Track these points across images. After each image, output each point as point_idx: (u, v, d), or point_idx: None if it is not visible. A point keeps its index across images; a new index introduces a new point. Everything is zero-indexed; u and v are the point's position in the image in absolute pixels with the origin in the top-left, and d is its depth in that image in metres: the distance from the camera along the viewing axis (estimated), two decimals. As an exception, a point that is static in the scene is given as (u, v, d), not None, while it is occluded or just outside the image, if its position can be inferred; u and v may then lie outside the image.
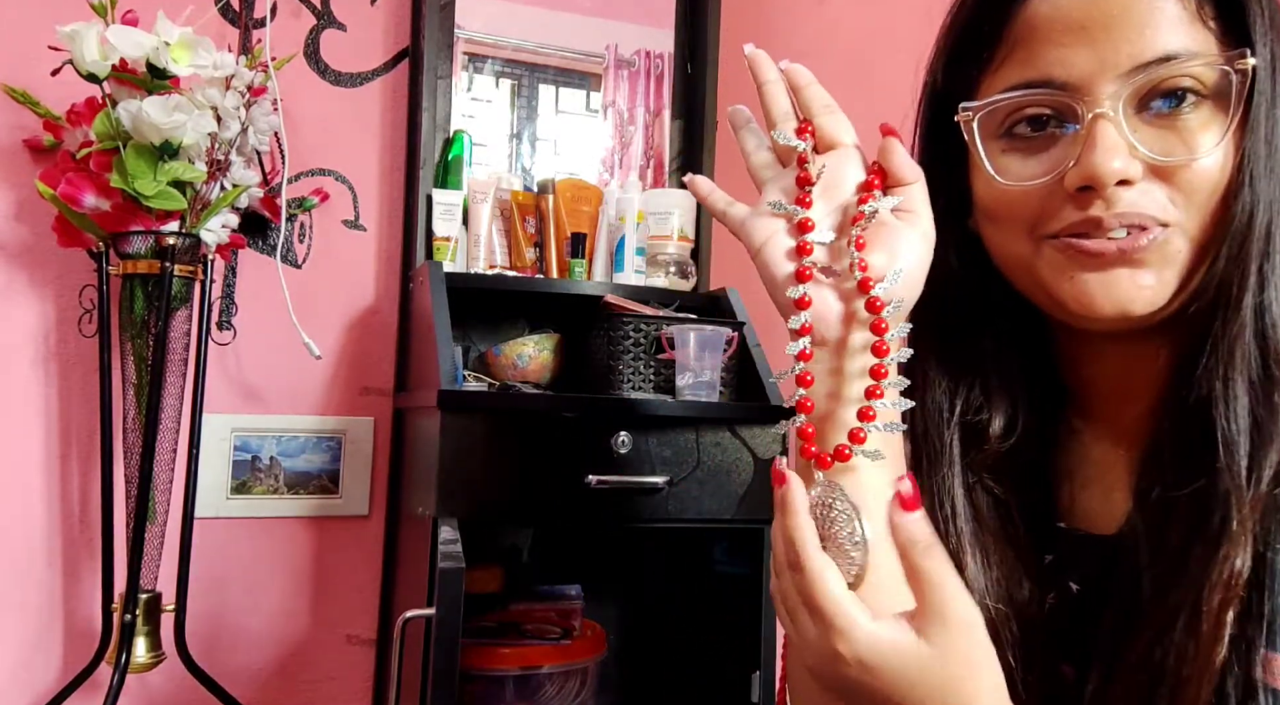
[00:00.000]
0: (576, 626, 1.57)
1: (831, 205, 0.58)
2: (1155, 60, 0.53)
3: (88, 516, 1.51)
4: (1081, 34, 0.55)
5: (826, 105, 0.61)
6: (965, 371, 0.66)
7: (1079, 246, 0.56)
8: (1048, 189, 0.57)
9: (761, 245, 0.58)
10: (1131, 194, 0.54)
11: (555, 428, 1.28)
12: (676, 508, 1.32)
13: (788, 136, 0.60)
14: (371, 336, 1.68)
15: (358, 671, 1.65)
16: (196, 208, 1.39)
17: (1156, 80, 0.54)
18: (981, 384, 0.65)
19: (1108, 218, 0.55)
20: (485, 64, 1.69)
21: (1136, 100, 0.55)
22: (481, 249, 1.59)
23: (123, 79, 1.33)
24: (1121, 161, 0.54)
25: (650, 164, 1.76)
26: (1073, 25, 0.55)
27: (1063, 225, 0.57)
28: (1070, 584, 0.61)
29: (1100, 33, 0.54)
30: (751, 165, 0.62)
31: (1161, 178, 0.54)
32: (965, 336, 0.66)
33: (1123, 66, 0.54)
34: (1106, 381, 0.63)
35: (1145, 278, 0.55)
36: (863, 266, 0.55)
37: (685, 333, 1.37)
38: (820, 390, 0.56)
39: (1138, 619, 0.54)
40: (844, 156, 0.59)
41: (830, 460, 0.54)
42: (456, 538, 1.17)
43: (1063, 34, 0.56)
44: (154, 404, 1.34)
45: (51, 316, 1.51)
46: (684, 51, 1.78)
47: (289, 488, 1.62)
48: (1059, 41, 0.56)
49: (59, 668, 1.49)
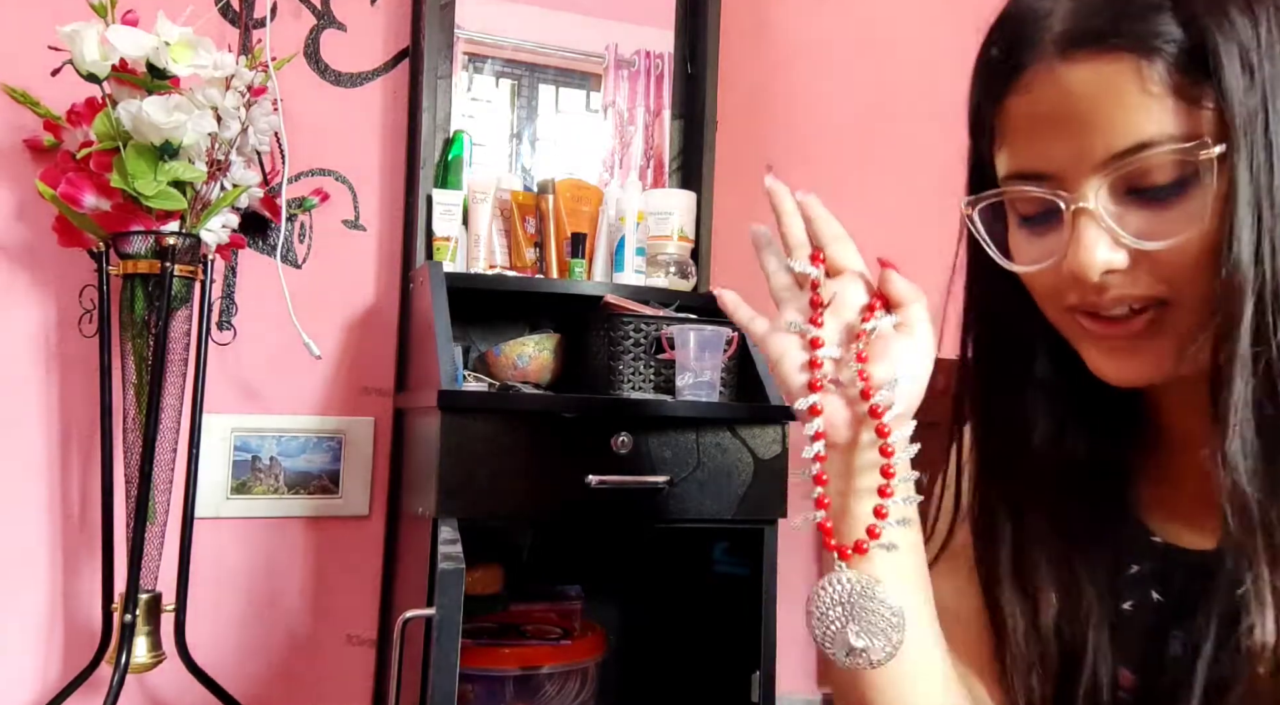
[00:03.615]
0: (576, 626, 1.57)
1: (839, 324, 0.66)
2: (1129, 149, 0.53)
3: (88, 516, 1.51)
4: (1056, 127, 0.56)
5: (836, 236, 0.69)
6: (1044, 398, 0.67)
7: (1085, 324, 0.59)
8: (1055, 269, 0.58)
9: (779, 358, 0.66)
10: (1122, 279, 0.56)
11: (555, 428, 1.28)
12: (676, 508, 1.32)
13: (803, 264, 0.68)
14: (371, 336, 1.68)
15: (358, 671, 1.65)
16: (196, 208, 1.39)
17: (1134, 168, 0.54)
18: (1063, 407, 0.67)
19: (1103, 302, 0.57)
20: (485, 64, 1.69)
21: (1118, 188, 0.55)
22: (481, 249, 1.58)
23: (123, 79, 1.33)
24: (1105, 253, 0.55)
25: (650, 164, 1.76)
26: (1046, 120, 0.56)
27: (1071, 303, 0.59)
28: (1153, 593, 0.63)
29: (1074, 125, 0.55)
30: (772, 287, 0.70)
31: (1151, 259, 0.55)
32: (1040, 365, 0.68)
33: (1099, 157, 0.54)
34: (1178, 405, 0.64)
35: (1147, 352, 0.58)
36: (864, 377, 0.62)
37: (685, 333, 1.37)
38: (836, 488, 0.63)
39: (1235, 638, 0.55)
40: (850, 281, 0.67)
41: (850, 553, 0.61)
42: (456, 538, 1.17)
43: (1040, 128, 0.57)
44: (154, 404, 1.34)
45: (51, 316, 1.51)
46: (684, 51, 1.78)
47: (289, 488, 1.62)
48: (1038, 135, 0.57)
49: (59, 668, 1.49)
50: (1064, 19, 0.55)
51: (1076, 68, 0.54)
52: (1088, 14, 0.54)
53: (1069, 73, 0.54)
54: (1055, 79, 0.55)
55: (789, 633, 1.88)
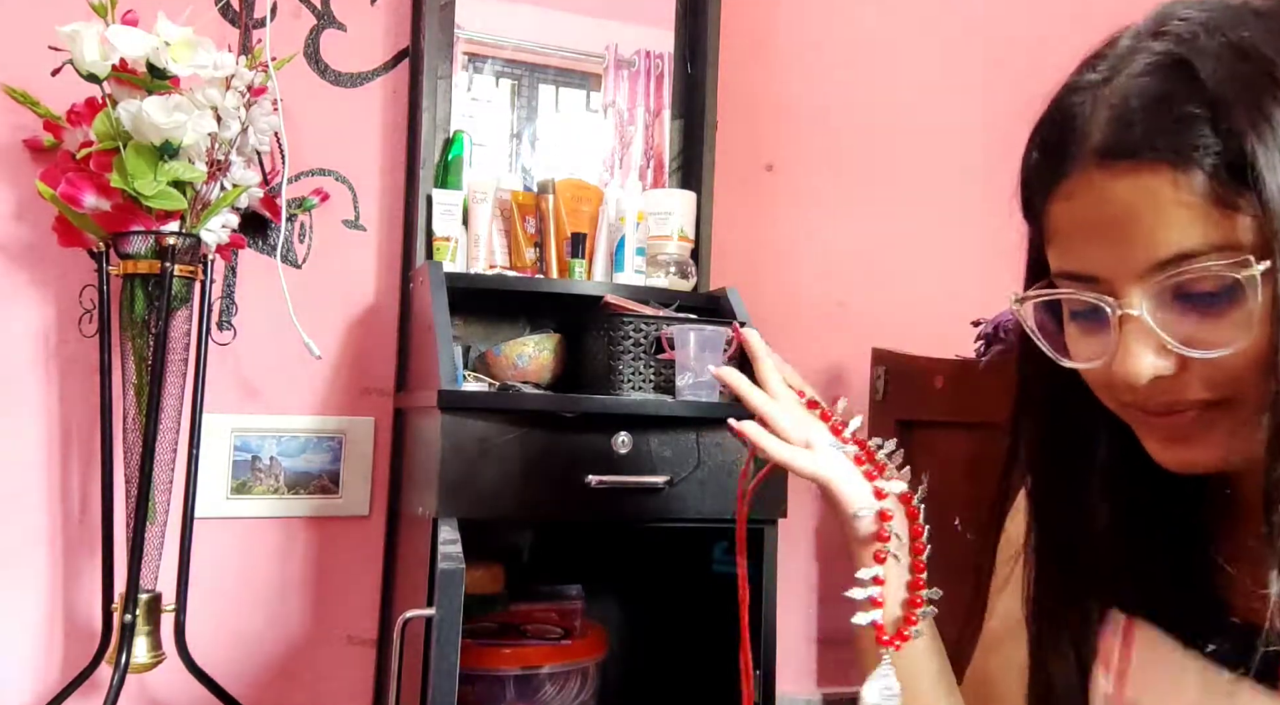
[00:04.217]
0: (576, 626, 1.57)
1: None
2: (1171, 259, 0.53)
3: (88, 516, 1.51)
4: (1098, 234, 0.55)
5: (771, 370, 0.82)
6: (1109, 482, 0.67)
7: (1138, 418, 0.60)
8: (1106, 367, 0.58)
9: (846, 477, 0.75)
10: (1171, 383, 0.55)
11: (555, 427, 1.28)
12: (677, 508, 1.32)
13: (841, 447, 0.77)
14: (371, 336, 1.68)
15: (358, 671, 1.65)
16: (196, 208, 1.39)
17: (1177, 278, 0.53)
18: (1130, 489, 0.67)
19: (1152, 404, 0.57)
20: (485, 64, 1.69)
21: (1165, 295, 0.54)
22: (481, 249, 1.58)
23: (123, 79, 1.33)
24: (1151, 361, 0.55)
25: (650, 164, 1.76)
26: (1088, 226, 0.56)
27: (1121, 403, 0.60)
28: (1223, 670, 0.62)
29: (1115, 233, 0.54)
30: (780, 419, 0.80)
31: (1200, 364, 0.54)
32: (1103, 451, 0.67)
33: (1142, 266, 0.54)
34: (1243, 482, 0.63)
35: (1200, 447, 0.57)
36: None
37: (685, 333, 1.37)
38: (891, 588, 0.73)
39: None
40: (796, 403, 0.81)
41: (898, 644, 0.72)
42: (456, 538, 1.17)
43: (1084, 234, 0.56)
44: (154, 404, 1.34)
45: (51, 316, 1.51)
46: (684, 51, 1.78)
47: (289, 488, 1.62)
48: (1082, 240, 0.57)
49: (59, 668, 1.49)
50: (1102, 128, 0.55)
51: (1115, 179, 0.54)
52: (1125, 125, 0.54)
53: (1108, 183, 0.54)
54: (1095, 188, 0.55)
55: (789, 633, 1.88)
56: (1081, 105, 0.56)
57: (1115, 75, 0.56)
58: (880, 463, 0.76)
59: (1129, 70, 0.55)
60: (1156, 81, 0.54)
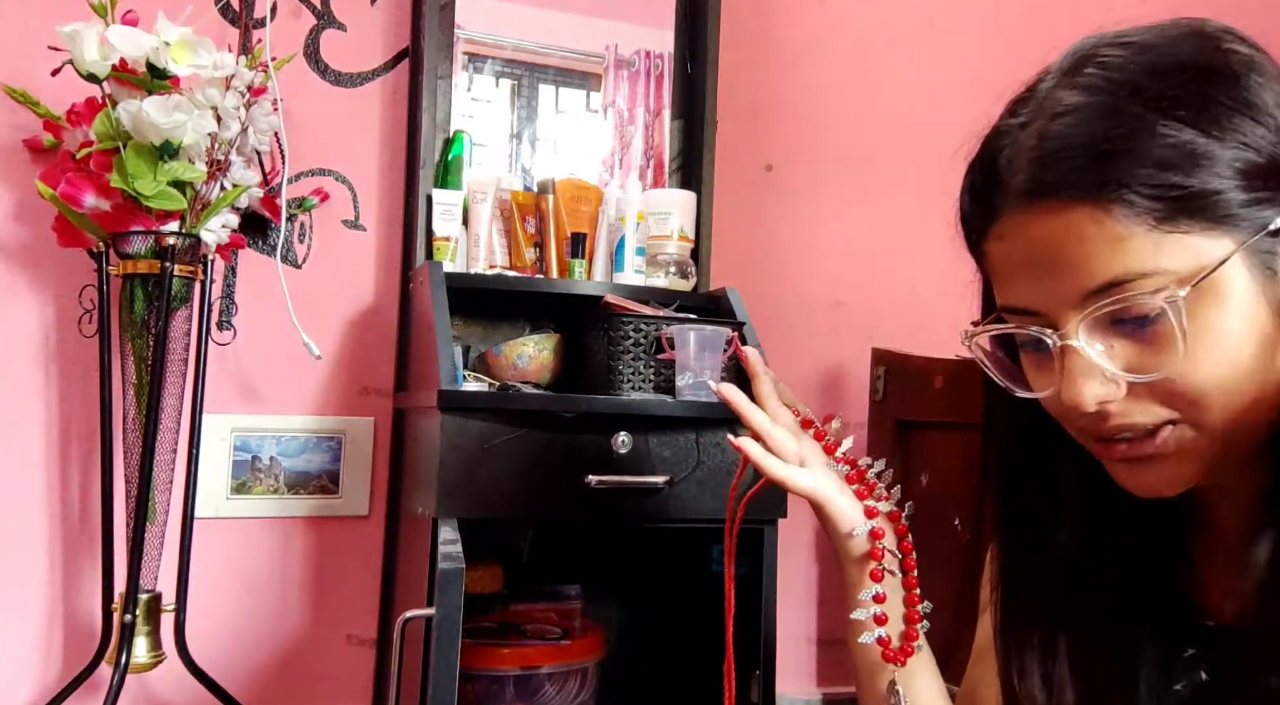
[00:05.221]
0: (576, 626, 1.57)
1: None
2: (1100, 288, 0.54)
3: (88, 516, 1.51)
4: (1031, 270, 0.57)
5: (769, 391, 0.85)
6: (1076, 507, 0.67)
7: (1097, 448, 0.60)
8: (1056, 395, 0.59)
9: (837, 495, 0.78)
10: (1121, 407, 0.56)
11: (555, 428, 1.28)
12: (676, 508, 1.32)
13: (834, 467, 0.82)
14: (371, 336, 1.68)
15: (358, 671, 1.65)
16: (196, 208, 1.39)
17: (1109, 307, 0.54)
18: (1099, 512, 0.67)
19: (1106, 429, 0.57)
20: (485, 64, 1.69)
21: (1102, 322, 0.56)
22: (481, 249, 1.59)
23: (123, 79, 1.33)
24: (1095, 388, 0.56)
25: (650, 164, 1.76)
26: (1021, 264, 0.58)
27: (1079, 429, 0.60)
28: (1201, 673, 0.63)
29: (1046, 268, 0.56)
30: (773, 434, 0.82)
31: (1149, 387, 0.55)
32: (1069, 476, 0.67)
33: (1074, 297, 0.55)
34: (1218, 495, 0.64)
35: (1164, 470, 0.58)
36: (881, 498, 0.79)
37: (685, 333, 1.37)
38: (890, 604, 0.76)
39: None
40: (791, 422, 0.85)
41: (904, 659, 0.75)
42: (456, 538, 1.17)
43: (1017, 270, 0.58)
44: (154, 404, 1.34)
45: (51, 316, 1.51)
46: (684, 51, 1.78)
47: (289, 488, 1.62)
48: (1017, 275, 0.59)
49: (59, 668, 1.49)
50: (1024, 170, 0.56)
51: (1040, 219, 0.55)
52: (1044, 166, 0.55)
53: (1033, 223, 0.56)
54: (1022, 228, 0.56)
55: (789, 633, 1.88)
56: (1004, 150, 0.58)
57: (1035, 118, 0.57)
58: (870, 482, 0.79)
59: (1048, 111, 0.57)
60: (1073, 122, 0.55)
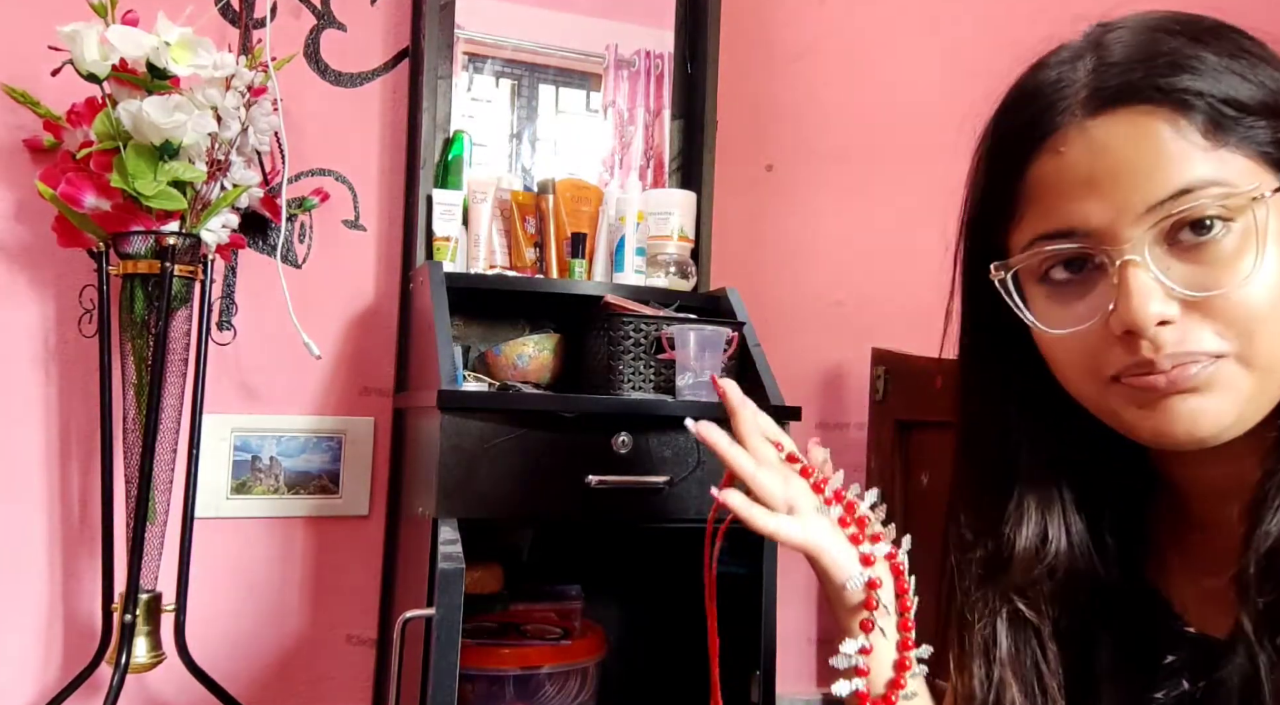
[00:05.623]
0: (576, 626, 1.57)
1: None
2: (1170, 197, 0.53)
3: (88, 516, 1.51)
4: (1091, 186, 0.55)
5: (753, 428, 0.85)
6: (1054, 504, 0.66)
7: (1135, 383, 0.57)
8: (1096, 332, 0.57)
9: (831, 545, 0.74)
10: (1175, 333, 0.54)
11: (555, 428, 1.28)
12: (676, 508, 1.32)
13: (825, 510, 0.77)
14: (371, 336, 1.68)
15: (358, 671, 1.65)
16: (196, 208, 1.39)
17: (1177, 215, 0.53)
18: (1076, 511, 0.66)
19: (1158, 359, 0.55)
20: (485, 64, 1.69)
21: (1163, 237, 0.54)
22: (481, 249, 1.59)
23: (123, 79, 1.33)
24: (1157, 305, 0.54)
25: (650, 164, 1.76)
26: (1080, 180, 0.55)
27: (1118, 368, 0.57)
28: (1183, 681, 0.62)
29: (1109, 183, 0.54)
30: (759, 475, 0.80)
31: (1203, 310, 0.54)
32: (1049, 472, 0.66)
33: (1139, 209, 0.53)
34: (1203, 488, 0.63)
35: (1204, 404, 0.55)
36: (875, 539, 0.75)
37: (685, 333, 1.37)
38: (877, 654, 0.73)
39: None
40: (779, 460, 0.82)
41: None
42: (456, 538, 1.17)
43: (1073, 188, 0.56)
44: (154, 404, 1.34)
45: (51, 316, 1.51)
46: (684, 51, 1.78)
47: (289, 488, 1.62)
48: (1072, 195, 0.56)
49: (59, 668, 1.49)
50: (1089, 81, 0.55)
51: (1110, 123, 0.54)
52: (1115, 73, 0.55)
53: (1101, 128, 0.54)
54: (1087, 137, 0.55)
55: (789, 633, 1.88)
56: (1060, 72, 0.57)
57: (1088, 49, 0.57)
58: (862, 517, 0.75)
59: (1093, 40, 0.57)
60: (1129, 40, 0.55)
